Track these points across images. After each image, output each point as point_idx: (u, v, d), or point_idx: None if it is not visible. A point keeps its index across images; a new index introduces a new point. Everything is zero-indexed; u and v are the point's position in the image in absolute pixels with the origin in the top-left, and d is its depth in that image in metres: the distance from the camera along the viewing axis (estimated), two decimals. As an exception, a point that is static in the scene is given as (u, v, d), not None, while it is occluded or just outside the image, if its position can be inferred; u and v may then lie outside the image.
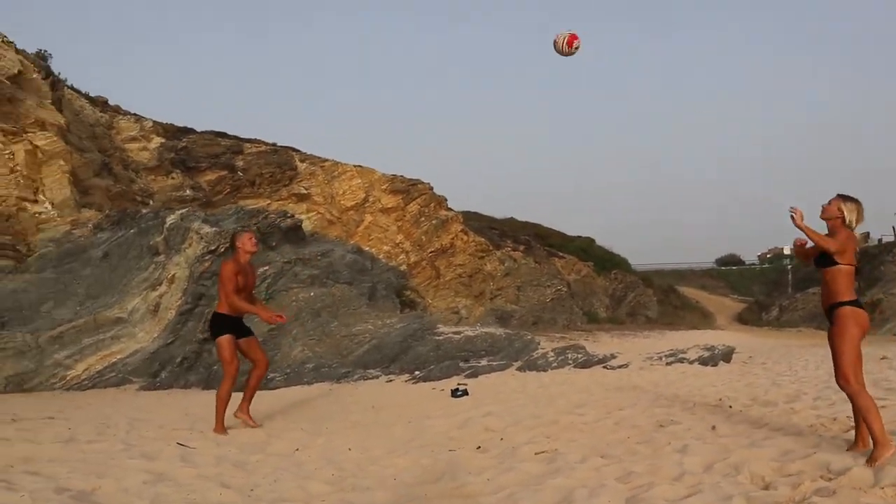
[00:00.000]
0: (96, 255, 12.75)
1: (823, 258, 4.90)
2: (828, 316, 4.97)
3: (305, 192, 23.89)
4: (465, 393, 9.64)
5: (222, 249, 12.69)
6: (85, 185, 16.68)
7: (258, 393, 7.42)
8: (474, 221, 29.34)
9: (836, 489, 4.08)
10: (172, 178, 20.03)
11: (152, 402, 9.95)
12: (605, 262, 30.94)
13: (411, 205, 25.66)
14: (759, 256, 79.05)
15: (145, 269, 12.74)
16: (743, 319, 45.06)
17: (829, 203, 4.90)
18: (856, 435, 4.99)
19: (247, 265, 6.71)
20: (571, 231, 33.94)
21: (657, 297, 31.18)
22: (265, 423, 7.26)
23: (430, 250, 25.56)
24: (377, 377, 12.10)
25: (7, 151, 13.02)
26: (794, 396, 7.52)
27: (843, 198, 4.88)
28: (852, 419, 5.78)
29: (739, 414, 6.77)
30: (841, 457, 4.64)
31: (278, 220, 13.85)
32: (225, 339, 6.57)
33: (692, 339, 21.99)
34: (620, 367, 12.67)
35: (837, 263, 4.79)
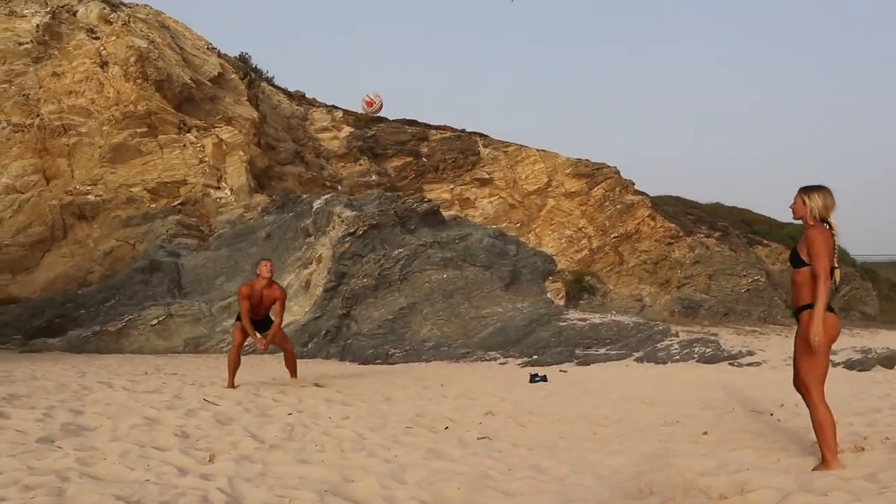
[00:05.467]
0: (261, 236, 14.57)
1: (796, 258, 4.57)
2: (796, 318, 4.67)
3: (488, 176, 24.61)
4: (544, 379, 9.69)
5: (360, 232, 13.82)
6: (278, 173, 18.95)
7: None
8: (670, 206, 27.93)
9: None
10: (360, 164, 21.83)
11: (275, 369, 11.26)
12: (820, 251, 27.51)
13: (595, 189, 25.24)
14: None
15: (299, 249, 14.29)
16: None
17: (794, 201, 4.59)
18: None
19: (262, 289, 8.17)
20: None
21: (881, 292, 27.10)
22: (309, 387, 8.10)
23: (613, 235, 24.96)
24: (494, 359, 12.44)
25: (199, 144, 15.32)
26: (861, 411, 6.63)
27: (805, 190, 4.56)
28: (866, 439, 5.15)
29: (769, 423, 6.21)
30: (768, 476, 4.25)
31: (416, 204, 14.64)
32: (236, 326, 8.48)
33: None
34: (750, 364, 11.75)
35: (807, 264, 4.46)
